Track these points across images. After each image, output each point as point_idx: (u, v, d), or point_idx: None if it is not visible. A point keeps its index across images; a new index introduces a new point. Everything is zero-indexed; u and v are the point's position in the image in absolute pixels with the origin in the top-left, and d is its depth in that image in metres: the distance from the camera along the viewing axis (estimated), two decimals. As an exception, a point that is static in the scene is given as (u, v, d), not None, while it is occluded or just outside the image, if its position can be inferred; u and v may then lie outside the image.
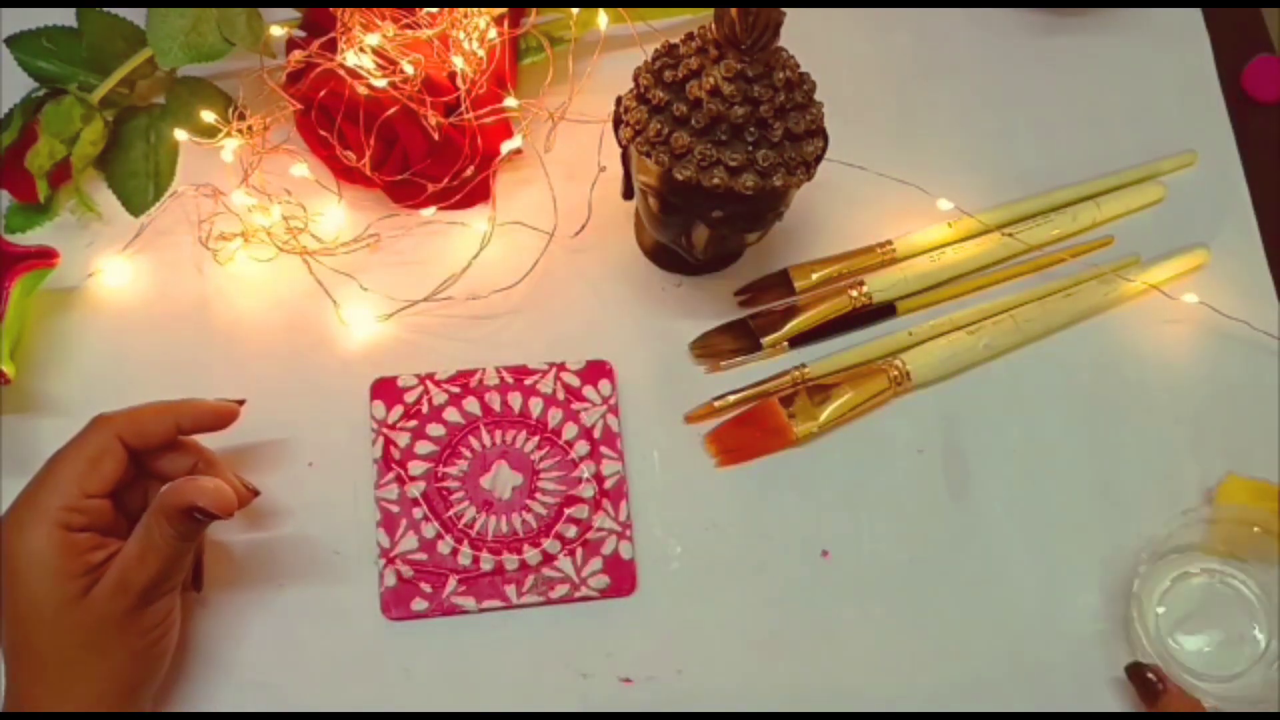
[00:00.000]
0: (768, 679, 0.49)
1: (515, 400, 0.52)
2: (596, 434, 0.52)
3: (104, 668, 0.42)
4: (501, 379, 0.52)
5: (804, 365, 0.54)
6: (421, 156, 0.53)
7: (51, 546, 0.42)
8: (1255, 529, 0.50)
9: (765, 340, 0.54)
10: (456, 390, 0.52)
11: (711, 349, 0.54)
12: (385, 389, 0.52)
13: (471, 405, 0.52)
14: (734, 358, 0.54)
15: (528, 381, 0.52)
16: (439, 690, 0.48)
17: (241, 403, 0.48)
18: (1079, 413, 0.54)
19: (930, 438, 0.53)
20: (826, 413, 0.52)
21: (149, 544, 0.43)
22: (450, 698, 0.48)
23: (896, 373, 0.53)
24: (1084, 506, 0.53)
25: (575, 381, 0.53)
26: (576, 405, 0.52)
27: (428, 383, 0.52)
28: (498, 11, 0.54)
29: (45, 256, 0.51)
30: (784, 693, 0.49)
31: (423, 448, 0.51)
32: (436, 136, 0.52)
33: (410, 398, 0.52)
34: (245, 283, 0.54)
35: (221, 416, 0.47)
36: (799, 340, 0.55)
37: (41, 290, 0.52)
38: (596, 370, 0.53)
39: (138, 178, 0.55)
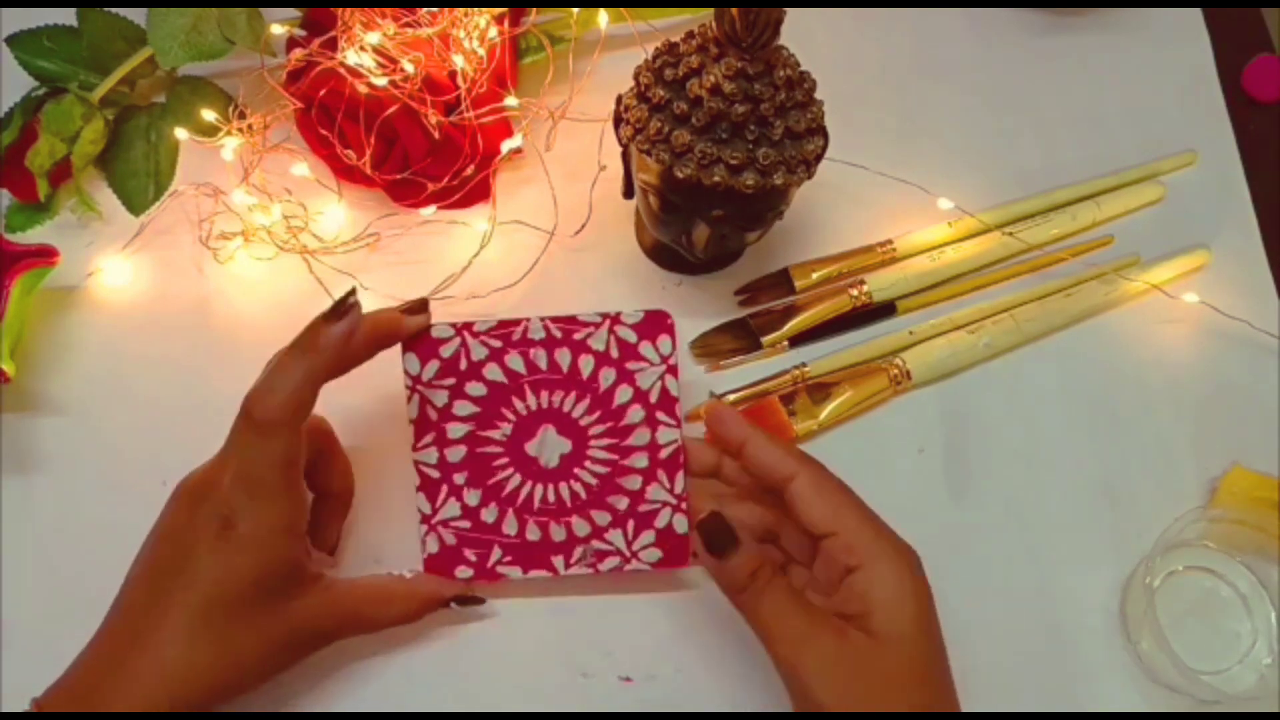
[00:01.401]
0: (768, 679, 0.49)
1: (563, 357, 0.47)
2: (653, 398, 0.47)
3: (216, 675, 0.41)
4: (548, 332, 0.47)
5: (804, 364, 0.54)
6: (422, 155, 0.53)
7: (299, 557, 0.43)
8: (1254, 528, 0.50)
9: (765, 339, 0.54)
10: (498, 344, 0.47)
11: (712, 348, 0.54)
12: (420, 342, 0.47)
13: (514, 362, 0.47)
14: (734, 357, 0.54)
15: (577, 335, 0.47)
16: (439, 689, 0.48)
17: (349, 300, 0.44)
18: (1079, 412, 0.54)
19: (930, 437, 0.53)
20: (826, 411, 0.52)
21: (374, 620, 0.45)
22: (450, 697, 0.48)
23: (897, 372, 0.53)
24: (1084, 506, 0.53)
25: (631, 337, 0.47)
26: (631, 364, 0.47)
27: (465, 334, 0.47)
28: (498, 10, 0.54)
29: (45, 255, 0.51)
30: (784, 693, 0.49)
31: (462, 408, 0.47)
32: (437, 135, 0.52)
33: (446, 351, 0.47)
34: (245, 282, 0.54)
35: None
36: (799, 339, 0.55)
37: (41, 289, 0.52)
38: (656, 323, 0.47)
39: (138, 177, 0.56)
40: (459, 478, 0.47)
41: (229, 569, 0.41)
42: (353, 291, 0.43)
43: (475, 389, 0.47)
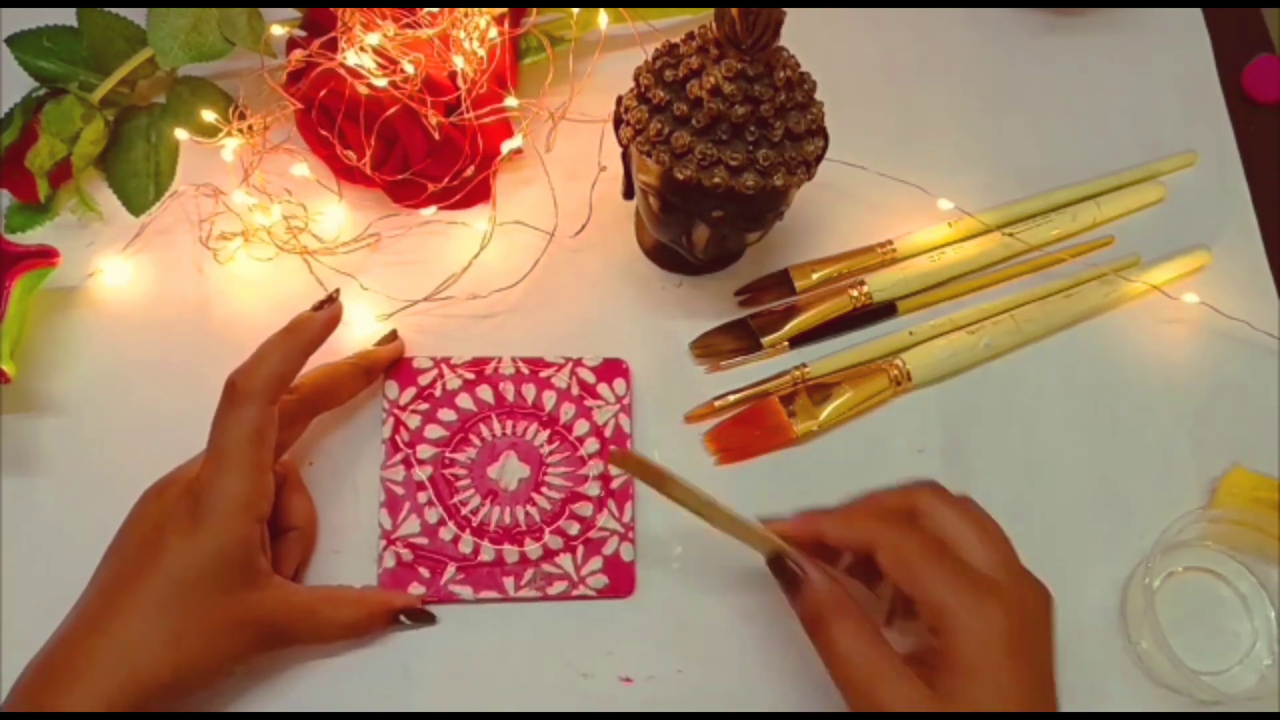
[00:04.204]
0: (768, 679, 0.49)
1: (529, 391, 0.52)
2: (607, 433, 0.52)
3: (171, 659, 0.41)
4: (517, 369, 0.52)
5: (804, 365, 0.54)
6: (422, 156, 0.53)
7: (254, 541, 0.43)
8: (1254, 528, 0.50)
9: (765, 340, 0.54)
10: (471, 377, 0.52)
11: (712, 349, 0.54)
12: (401, 370, 0.52)
13: (485, 393, 0.52)
14: (734, 357, 0.54)
15: (543, 374, 0.52)
16: (439, 689, 0.48)
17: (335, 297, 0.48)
18: (1079, 412, 0.55)
19: (930, 438, 0.53)
20: (826, 412, 0.52)
21: (328, 623, 0.46)
22: (450, 697, 0.48)
23: (897, 372, 0.53)
24: (1083, 506, 0.53)
25: (590, 378, 0.52)
26: (590, 402, 0.52)
27: (443, 366, 0.52)
28: (498, 11, 0.54)
29: (46, 256, 0.51)
30: (784, 693, 0.49)
31: (433, 432, 0.51)
32: (437, 136, 0.52)
33: (424, 380, 0.52)
34: (245, 282, 0.54)
35: (331, 322, 0.48)
36: (799, 340, 0.55)
37: (42, 290, 0.52)
38: (612, 369, 0.53)
39: (138, 177, 0.55)
40: (422, 496, 0.50)
41: (193, 548, 0.42)
42: (337, 291, 0.49)
43: (447, 415, 0.51)
